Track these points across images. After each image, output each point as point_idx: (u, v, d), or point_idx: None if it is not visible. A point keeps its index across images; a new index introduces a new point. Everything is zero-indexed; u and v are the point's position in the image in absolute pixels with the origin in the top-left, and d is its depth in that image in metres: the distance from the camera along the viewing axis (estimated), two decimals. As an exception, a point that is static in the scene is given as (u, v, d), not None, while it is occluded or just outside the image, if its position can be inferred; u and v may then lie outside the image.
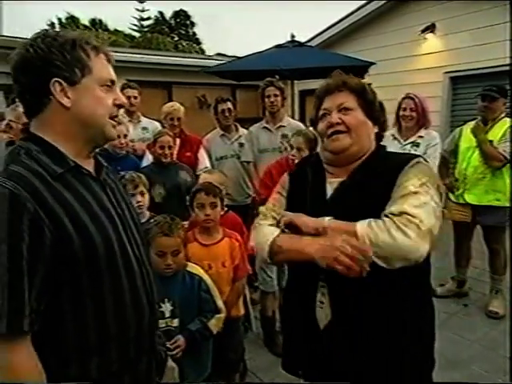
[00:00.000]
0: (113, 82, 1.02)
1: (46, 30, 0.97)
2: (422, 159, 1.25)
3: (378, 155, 1.30)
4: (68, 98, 0.94)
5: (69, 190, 0.92)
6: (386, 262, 1.12)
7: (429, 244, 1.12)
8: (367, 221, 1.15)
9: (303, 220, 1.23)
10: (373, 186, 1.21)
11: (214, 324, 1.87)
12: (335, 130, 1.26)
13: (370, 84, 1.37)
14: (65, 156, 0.95)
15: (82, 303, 0.91)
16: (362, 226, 1.14)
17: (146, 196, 2.33)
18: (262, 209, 1.41)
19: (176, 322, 1.79)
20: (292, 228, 1.25)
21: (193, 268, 1.90)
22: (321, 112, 1.33)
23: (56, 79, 0.93)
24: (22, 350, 0.83)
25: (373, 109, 1.32)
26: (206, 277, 1.91)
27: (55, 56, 0.93)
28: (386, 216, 1.14)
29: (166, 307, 1.78)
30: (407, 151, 3.10)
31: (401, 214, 1.12)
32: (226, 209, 2.45)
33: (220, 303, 1.92)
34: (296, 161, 2.57)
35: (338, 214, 1.20)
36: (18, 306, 0.81)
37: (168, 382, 1.27)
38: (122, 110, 3.75)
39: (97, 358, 0.95)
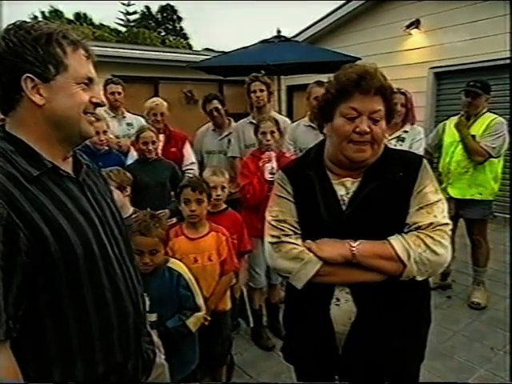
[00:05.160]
0: (91, 79, 0.97)
1: (21, 21, 0.91)
2: (424, 159, 1.29)
3: (385, 156, 1.28)
4: (40, 95, 0.90)
5: (45, 193, 0.89)
6: (426, 275, 1.18)
7: None
8: (400, 238, 1.18)
9: (329, 252, 1.20)
10: (390, 187, 1.22)
11: (193, 322, 1.84)
12: (361, 140, 1.19)
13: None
14: (41, 157, 0.91)
15: (62, 307, 0.89)
16: (399, 247, 1.16)
17: (116, 193, 2.19)
18: (272, 222, 1.32)
19: (154, 317, 1.77)
20: None
21: (174, 264, 1.88)
22: (347, 110, 1.19)
23: (28, 75, 0.88)
24: (0, 357, 0.81)
25: (393, 115, 1.28)
26: (186, 273, 1.88)
27: (27, 51, 0.87)
28: (418, 228, 1.18)
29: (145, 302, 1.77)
30: (392, 146, 3.13)
31: (433, 226, 1.18)
32: (225, 206, 2.46)
33: (200, 301, 1.88)
34: (272, 145, 2.63)
35: (358, 217, 1.22)
36: None
37: (155, 382, 1.26)
38: (105, 106, 3.67)
39: (81, 361, 0.93)
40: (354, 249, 1.18)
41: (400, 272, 1.17)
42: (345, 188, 1.27)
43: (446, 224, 1.20)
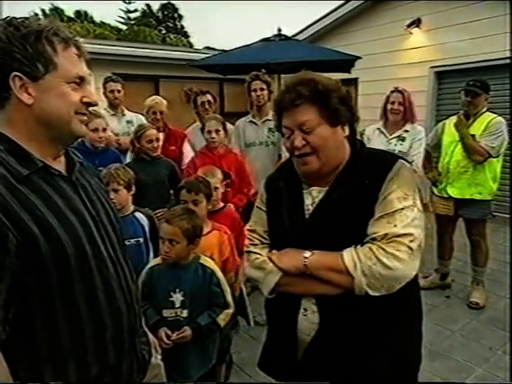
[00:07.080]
0: (82, 78, 0.94)
1: (10, 17, 0.89)
2: (402, 162, 1.19)
3: (355, 160, 1.22)
4: (29, 94, 0.88)
5: (36, 193, 0.87)
6: (383, 291, 1.10)
7: (419, 258, 1.12)
8: (352, 250, 1.12)
9: (286, 263, 1.20)
10: (355, 195, 1.16)
11: (223, 319, 1.88)
12: (301, 153, 1.17)
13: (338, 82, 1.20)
14: (31, 156, 0.90)
15: (53, 307, 0.88)
16: (349, 260, 1.11)
17: (121, 192, 2.24)
18: (246, 231, 1.38)
19: (185, 313, 1.81)
20: None
21: (206, 261, 1.91)
22: (283, 129, 1.21)
23: (16, 74, 0.86)
24: None
25: (340, 113, 1.17)
26: (218, 271, 1.92)
27: (16, 49, 0.85)
28: (373, 239, 1.11)
29: (177, 297, 1.80)
30: (393, 145, 3.14)
31: (389, 236, 1.09)
32: (222, 204, 2.47)
33: (229, 298, 1.92)
34: (216, 142, 2.90)
35: (319, 226, 1.19)
36: None
37: (151, 382, 1.24)
38: (105, 104, 3.65)
39: (73, 361, 0.92)
40: (306, 260, 1.16)
41: (351, 285, 1.11)
42: (311, 197, 1.24)
43: (406, 234, 1.09)
